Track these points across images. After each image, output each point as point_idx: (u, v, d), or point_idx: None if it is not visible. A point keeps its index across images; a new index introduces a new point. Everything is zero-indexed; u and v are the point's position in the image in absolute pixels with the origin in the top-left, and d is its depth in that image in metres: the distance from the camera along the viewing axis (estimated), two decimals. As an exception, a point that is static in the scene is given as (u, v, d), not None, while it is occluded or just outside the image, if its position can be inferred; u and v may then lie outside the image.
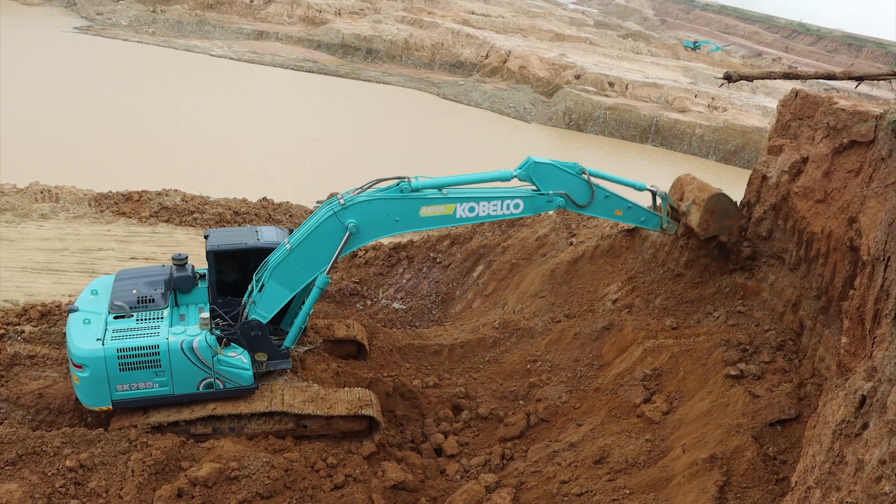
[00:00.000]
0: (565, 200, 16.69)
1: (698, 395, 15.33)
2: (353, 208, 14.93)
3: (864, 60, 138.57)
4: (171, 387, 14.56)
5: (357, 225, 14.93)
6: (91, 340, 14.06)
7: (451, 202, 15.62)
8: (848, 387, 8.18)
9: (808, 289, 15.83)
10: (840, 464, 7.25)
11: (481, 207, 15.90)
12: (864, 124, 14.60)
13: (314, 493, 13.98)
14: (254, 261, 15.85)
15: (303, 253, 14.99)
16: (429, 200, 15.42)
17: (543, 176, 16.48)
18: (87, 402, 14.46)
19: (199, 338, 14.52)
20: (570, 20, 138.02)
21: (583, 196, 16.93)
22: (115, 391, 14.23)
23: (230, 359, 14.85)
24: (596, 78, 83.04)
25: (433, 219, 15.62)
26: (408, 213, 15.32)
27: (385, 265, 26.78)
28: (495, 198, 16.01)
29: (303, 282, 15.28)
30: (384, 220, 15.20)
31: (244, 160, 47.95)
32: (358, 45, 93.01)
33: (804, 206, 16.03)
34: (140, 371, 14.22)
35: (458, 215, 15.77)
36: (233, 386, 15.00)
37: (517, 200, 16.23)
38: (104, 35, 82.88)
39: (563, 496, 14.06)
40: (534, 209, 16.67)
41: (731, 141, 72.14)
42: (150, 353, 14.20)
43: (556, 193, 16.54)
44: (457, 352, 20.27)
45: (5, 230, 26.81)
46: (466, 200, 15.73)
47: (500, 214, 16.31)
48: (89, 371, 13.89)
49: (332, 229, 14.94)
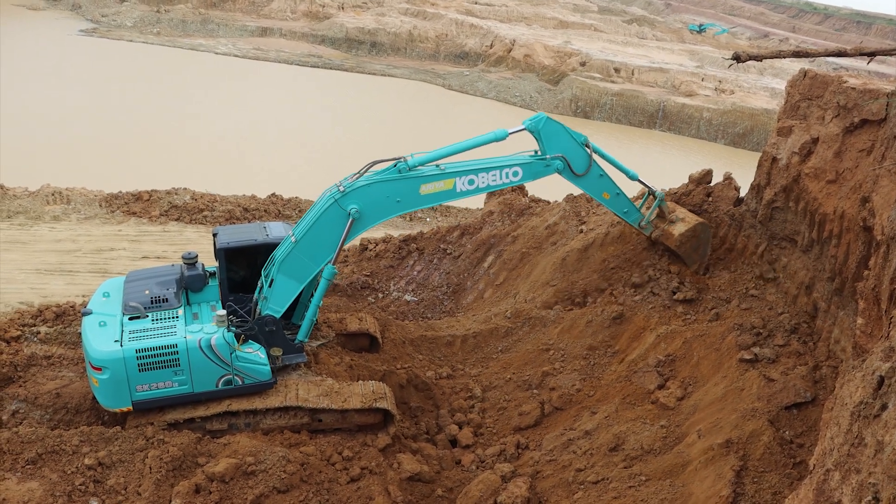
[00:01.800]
0: (563, 165, 16.61)
1: (713, 380, 15.26)
2: (354, 194, 14.86)
3: (874, 37, 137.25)
4: (190, 385, 14.58)
5: (359, 210, 14.87)
6: (109, 342, 14.04)
7: (450, 177, 15.49)
8: (865, 368, 8.11)
9: (821, 270, 15.71)
10: (859, 446, 7.20)
11: (480, 179, 15.76)
12: (875, 102, 14.43)
13: (331, 487, 14.03)
14: (264, 257, 15.88)
15: (308, 243, 14.99)
16: (428, 178, 15.29)
17: (551, 133, 16.42)
18: (106, 404, 14.47)
19: (217, 335, 14.54)
20: (573, 7, 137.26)
21: (580, 165, 16.92)
22: (134, 392, 14.22)
23: (248, 355, 14.90)
24: (601, 64, 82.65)
25: (434, 195, 15.51)
26: (408, 193, 15.23)
27: (395, 257, 26.78)
28: (493, 168, 15.89)
29: (311, 272, 15.28)
30: (385, 202, 15.11)
31: (252, 157, 48.06)
32: (362, 38, 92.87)
33: (815, 187, 15.89)
34: (159, 371, 14.22)
35: (459, 189, 15.65)
36: (251, 382, 15.04)
37: (515, 168, 16.13)
38: (110, 37, 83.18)
39: (578, 484, 14.05)
40: (532, 175, 16.47)
41: (739, 124, 71.65)
42: (169, 352, 14.21)
43: (555, 157, 16.48)
44: (469, 342, 20.27)
45: (18, 233, 27.00)
46: (465, 174, 15.60)
47: (499, 184, 16.15)
48: (109, 373, 13.87)
49: (335, 217, 14.90)
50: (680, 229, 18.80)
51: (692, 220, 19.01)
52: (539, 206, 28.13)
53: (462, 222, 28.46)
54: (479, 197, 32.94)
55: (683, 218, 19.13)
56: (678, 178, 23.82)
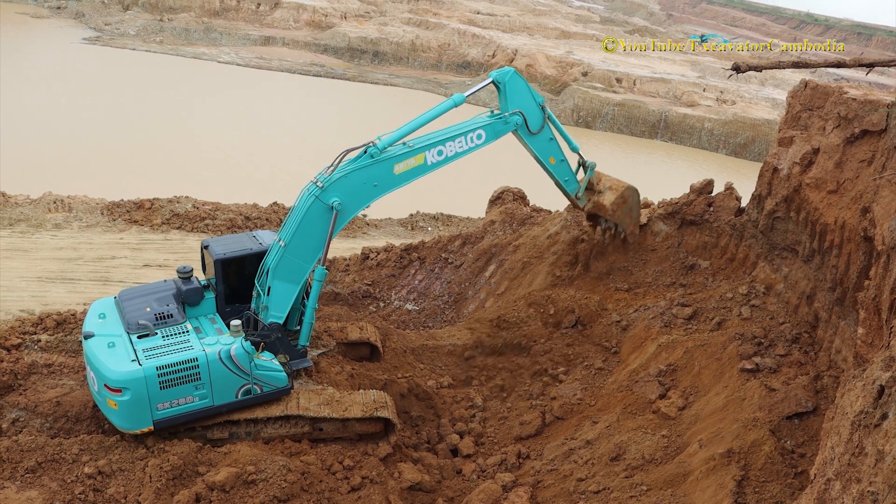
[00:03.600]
0: (521, 121, 17.55)
1: (714, 390, 15.24)
2: (332, 187, 15.02)
3: (875, 49, 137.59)
4: (210, 398, 14.40)
5: (341, 202, 15.08)
6: (126, 362, 13.64)
7: (420, 152, 15.95)
8: (866, 377, 8.10)
9: (822, 280, 15.71)
10: (860, 455, 7.19)
11: (448, 148, 16.41)
12: (875, 113, 14.47)
13: (331, 496, 14.00)
14: (257, 266, 15.89)
15: (297, 245, 15.08)
16: (399, 157, 15.66)
17: (515, 88, 17.47)
18: (126, 427, 13.98)
19: (236, 345, 14.47)
20: (576, 17, 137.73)
21: (535, 124, 17.91)
22: (155, 410, 13.90)
23: (266, 363, 14.89)
24: (603, 74, 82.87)
25: (408, 173, 15.94)
26: (384, 176, 15.59)
27: (397, 266, 26.78)
28: (458, 134, 16.59)
29: (305, 272, 15.39)
30: (363, 188, 15.42)
31: (254, 165, 48.15)
32: (364, 47, 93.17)
33: (816, 198, 15.91)
34: (181, 387, 13.98)
35: (430, 162, 16.18)
36: (270, 389, 15.01)
37: (479, 131, 16.92)
38: (113, 45, 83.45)
39: (580, 494, 14.01)
40: (494, 134, 17.26)
41: (740, 134, 71.76)
42: (190, 366, 13.98)
43: (514, 112, 17.41)
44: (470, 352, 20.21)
45: (20, 241, 27.03)
46: (433, 146, 16.13)
47: (466, 150, 16.80)
48: (130, 393, 13.46)
49: (319, 213, 15.05)
50: (609, 198, 19.61)
51: (619, 186, 19.71)
52: (540, 215, 28.14)
53: (463, 231, 28.47)
54: (481, 206, 32.98)
55: (611, 186, 19.79)
56: (679, 187, 23.85)
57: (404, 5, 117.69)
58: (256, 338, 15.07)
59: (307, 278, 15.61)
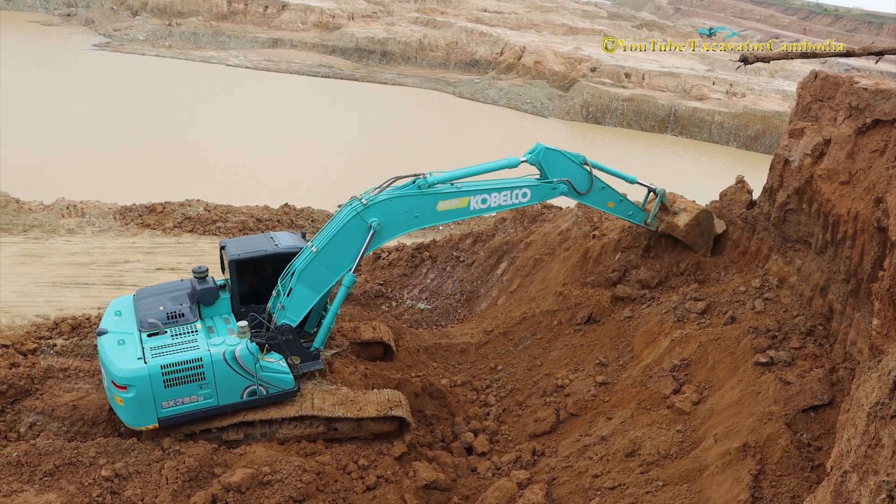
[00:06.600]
0: (568, 188, 17.70)
1: (728, 384, 15.16)
2: (375, 207, 15.27)
3: (886, 38, 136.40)
4: (215, 398, 14.57)
5: (380, 223, 15.34)
6: (132, 360, 13.92)
7: (465, 195, 16.30)
8: (881, 368, 8.04)
9: (836, 272, 15.60)
10: (876, 447, 7.14)
11: (493, 198, 16.74)
12: (887, 102, 14.35)
13: (347, 496, 14.05)
14: (273, 267, 15.96)
15: (329, 254, 15.24)
16: (445, 195, 16.00)
17: (551, 162, 17.55)
18: (132, 423, 14.30)
19: (241, 346, 14.58)
20: (583, 13, 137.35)
21: (583, 184, 18.05)
22: (160, 408, 14.14)
23: (272, 364, 14.97)
24: (612, 70, 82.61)
25: (449, 212, 16.31)
26: (426, 209, 15.91)
27: (409, 266, 26.82)
28: (505, 188, 16.90)
29: (329, 283, 15.53)
30: (404, 216, 15.70)
31: (264, 167, 48.31)
32: (372, 48, 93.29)
33: (829, 189, 15.79)
34: (185, 385, 14.18)
35: (472, 207, 16.53)
36: (276, 391, 15.09)
37: (525, 189, 17.18)
38: (122, 50, 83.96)
39: (595, 490, 13.98)
40: (540, 197, 17.57)
41: (751, 127, 71.32)
42: (195, 366, 14.16)
43: (560, 181, 17.52)
44: (483, 349, 20.23)
45: (34, 246, 27.25)
46: (479, 193, 16.46)
47: (510, 204, 17.17)
48: (135, 391, 13.74)
49: (357, 229, 15.27)
50: (684, 219, 19.73)
51: (694, 208, 19.87)
52: (551, 212, 28.12)
53: (475, 230, 28.48)
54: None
55: (685, 208, 19.95)
56: (691, 181, 23.86)
57: (411, 5, 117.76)
58: (263, 339, 15.15)
59: (329, 290, 15.69)
